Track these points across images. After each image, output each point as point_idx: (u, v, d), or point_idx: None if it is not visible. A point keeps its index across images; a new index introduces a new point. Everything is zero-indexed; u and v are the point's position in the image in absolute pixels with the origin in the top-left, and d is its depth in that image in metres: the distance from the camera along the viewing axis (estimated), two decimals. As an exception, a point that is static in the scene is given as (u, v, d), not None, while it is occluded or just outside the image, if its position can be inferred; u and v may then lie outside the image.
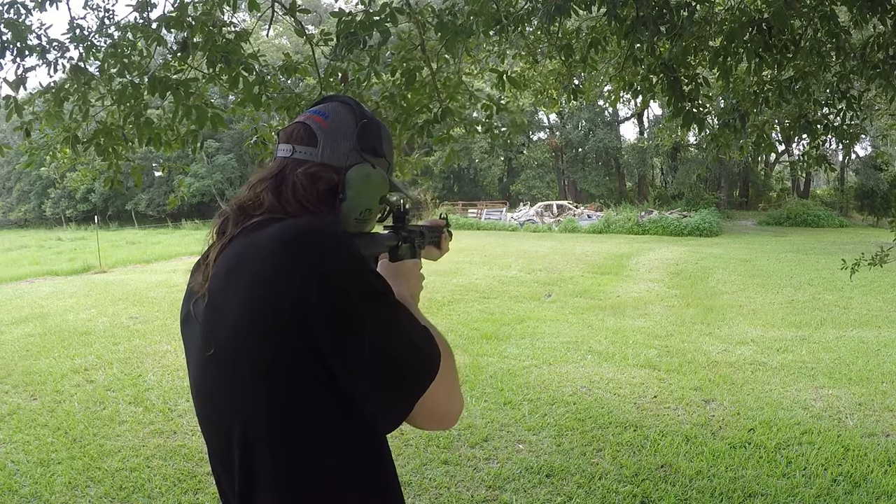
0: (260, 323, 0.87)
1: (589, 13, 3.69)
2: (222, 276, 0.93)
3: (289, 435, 0.90)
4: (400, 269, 1.14)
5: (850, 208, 28.16)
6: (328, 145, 1.01)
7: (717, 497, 3.09)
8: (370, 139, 1.05)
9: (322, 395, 0.89)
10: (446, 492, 3.18)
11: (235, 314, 0.89)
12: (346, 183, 1.00)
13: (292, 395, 0.89)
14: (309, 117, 1.04)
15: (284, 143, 1.03)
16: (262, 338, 0.87)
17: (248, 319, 0.88)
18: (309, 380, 0.88)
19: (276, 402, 0.89)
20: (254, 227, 0.95)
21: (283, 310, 0.85)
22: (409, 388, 0.88)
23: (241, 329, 0.89)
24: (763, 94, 3.68)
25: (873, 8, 2.88)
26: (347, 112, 1.05)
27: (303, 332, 0.84)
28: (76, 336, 6.70)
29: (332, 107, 1.06)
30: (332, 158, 1.01)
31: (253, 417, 0.91)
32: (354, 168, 1.01)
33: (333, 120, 1.03)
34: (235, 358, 0.90)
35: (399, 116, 3.45)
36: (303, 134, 1.02)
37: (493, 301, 8.74)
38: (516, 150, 33.52)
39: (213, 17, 3.18)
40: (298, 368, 0.87)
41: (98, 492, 3.24)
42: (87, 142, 3.40)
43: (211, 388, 0.98)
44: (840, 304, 8.23)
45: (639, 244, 17.72)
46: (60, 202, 33.37)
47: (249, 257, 0.91)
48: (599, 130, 33.80)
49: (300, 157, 1.01)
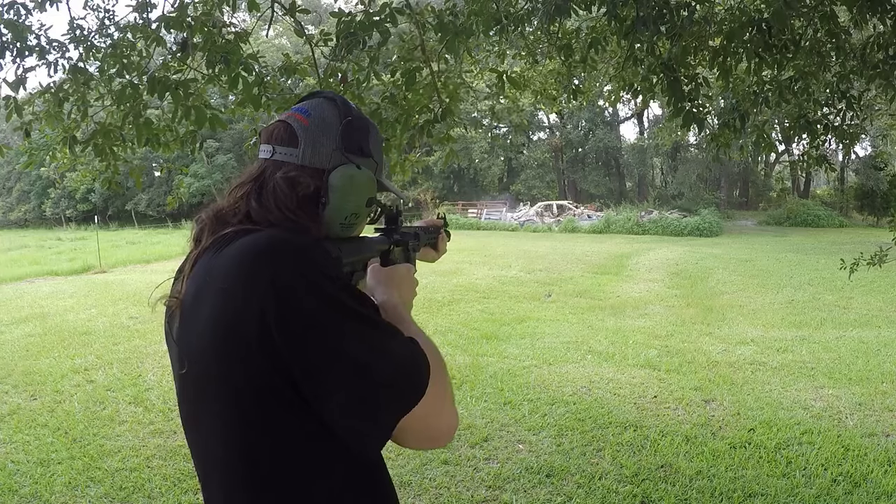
0: (227, 342, 0.82)
1: (589, 13, 3.69)
2: (192, 292, 0.89)
3: (264, 457, 0.85)
4: (391, 275, 1.05)
5: (850, 208, 28.13)
6: (309, 145, 0.94)
7: (717, 497, 3.08)
8: (355, 138, 0.98)
9: (298, 416, 0.83)
10: (446, 492, 3.18)
11: (205, 332, 0.85)
12: (329, 187, 0.93)
13: (262, 417, 0.84)
14: (291, 115, 0.98)
15: (265, 143, 0.97)
16: (231, 358, 0.82)
17: (215, 338, 0.84)
18: (281, 401, 0.82)
19: (247, 424, 0.85)
20: (226, 238, 0.89)
21: (249, 330, 0.80)
22: (388, 409, 0.81)
23: (209, 348, 0.84)
24: (763, 94, 3.68)
25: (873, 8, 2.87)
26: (332, 109, 0.98)
27: (269, 352, 0.80)
28: (76, 336, 6.70)
29: (316, 103, 0.99)
30: (314, 159, 0.94)
31: (227, 440, 0.87)
32: (337, 170, 0.94)
33: (315, 118, 0.96)
34: (206, 376, 0.86)
35: (399, 116, 3.44)
36: (283, 134, 0.96)
37: (493, 301, 8.74)
38: (516, 150, 33.50)
39: (213, 17, 3.18)
40: (269, 390, 0.82)
41: (98, 492, 3.24)
42: (84, 142, 3.40)
43: (188, 409, 0.94)
44: (840, 304, 8.23)
45: (639, 244, 17.73)
46: (60, 202, 33.35)
47: (218, 272, 0.86)
48: (599, 130, 33.79)
49: (280, 159, 0.95)
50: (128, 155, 3.86)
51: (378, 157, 1.03)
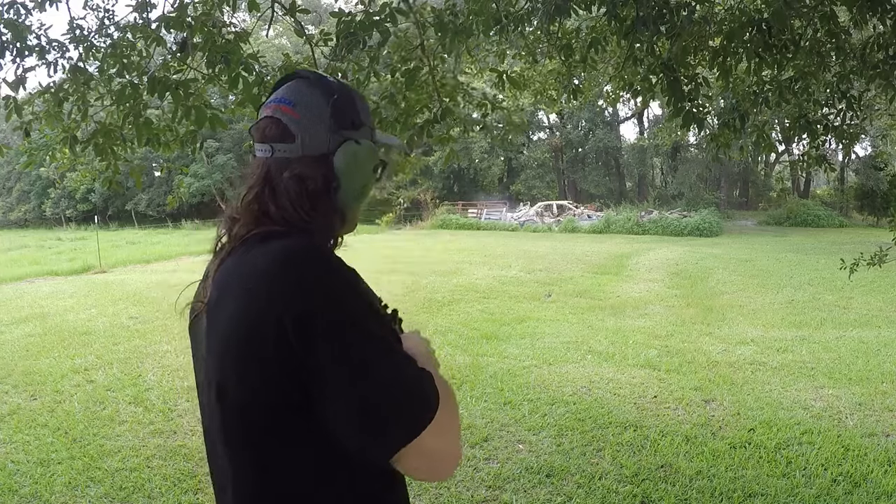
0: (248, 343, 0.85)
1: (589, 13, 3.70)
2: (216, 296, 0.92)
3: (272, 461, 0.87)
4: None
5: (850, 208, 28.14)
6: (305, 136, 0.95)
7: (717, 497, 3.09)
8: (345, 113, 0.97)
9: (306, 421, 0.85)
10: (446, 492, 3.18)
11: (227, 333, 0.88)
12: (336, 170, 0.95)
13: (272, 421, 0.86)
14: (276, 109, 0.97)
15: (260, 142, 0.98)
16: (249, 358, 0.85)
17: (238, 339, 0.86)
18: (290, 405, 0.84)
19: (259, 427, 0.87)
20: (248, 241, 0.92)
21: (268, 332, 0.82)
22: (395, 431, 0.82)
23: (231, 348, 0.87)
24: (763, 94, 3.68)
25: (873, 8, 2.87)
26: (313, 91, 0.98)
27: (286, 355, 0.82)
28: (76, 336, 6.70)
29: (295, 89, 0.98)
30: (313, 148, 0.95)
31: (240, 445, 0.90)
32: (339, 152, 0.96)
33: (303, 107, 0.96)
34: (226, 377, 0.89)
35: (399, 116, 3.44)
36: (276, 131, 0.96)
37: (493, 301, 8.74)
38: (516, 150, 33.49)
39: (213, 17, 3.18)
40: (281, 393, 0.84)
41: (98, 492, 3.24)
42: (85, 142, 3.40)
43: (209, 415, 0.96)
44: (840, 304, 8.23)
45: (639, 244, 17.73)
46: (60, 202, 33.33)
47: (242, 275, 0.89)
48: (599, 130, 33.79)
49: (281, 157, 0.95)
50: (128, 155, 3.86)
51: (368, 120, 1.02)
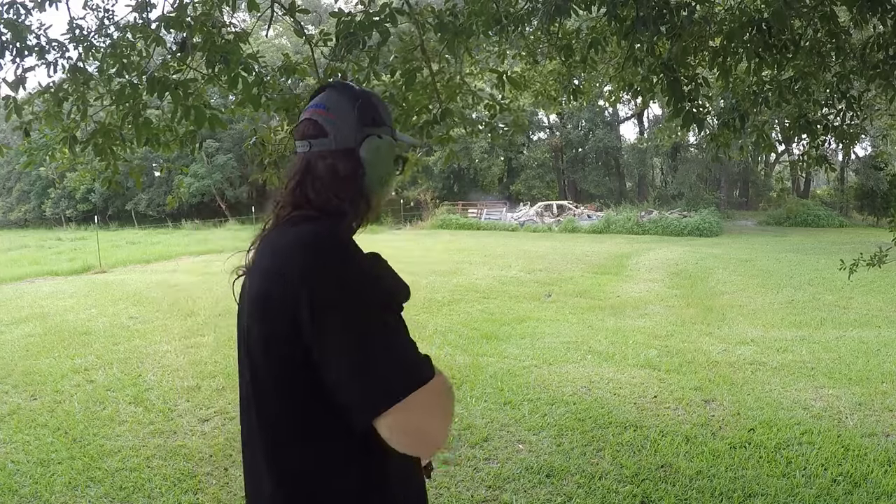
0: (266, 306, 1.03)
1: (589, 13, 3.69)
2: (255, 262, 1.13)
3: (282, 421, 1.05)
4: None
5: (850, 208, 28.14)
6: (338, 132, 1.16)
7: (717, 497, 3.08)
8: (369, 113, 1.18)
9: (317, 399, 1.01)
10: (446, 492, 3.18)
11: (253, 296, 1.07)
12: (362, 160, 1.16)
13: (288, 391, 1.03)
14: (313, 112, 1.19)
15: (300, 139, 1.19)
16: (265, 321, 1.04)
17: (259, 303, 1.05)
18: (297, 363, 1.00)
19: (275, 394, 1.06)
20: (287, 221, 1.13)
21: (285, 301, 1.00)
22: (390, 385, 0.96)
23: (255, 308, 1.06)
24: (763, 94, 3.68)
25: (873, 8, 2.87)
26: (342, 96, 1.19)
27: (297, 326, 0.98)
28: (76, 336, 6.70)
29: (329, 96, 1.20)
30: (344, 142, 1.16)
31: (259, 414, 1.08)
32: (364, 144, 1.16)
33: (335, 109, 1.17)
34: (250, 326, 1.08)
35: (399, 117, 3.44)
36: (313, 130, 1.17)
37: (493, 301, 8.74)
38: (516, 150, 33.48)
39: (213, 17, 3.18)
40: (289, 351, 1.00)
41: (98, 492, 3.24)
42: (84, 142, 3.40)
43: (244, 390, 1.14)
44: (840, 304, 8.23)
45: (639, 244, 17.73)
46: (60, 202, 33.33)
47: (273, 250, 1.09)
48: (599, 130, 33.77)
49: (318, 150, 1.16)
50: (127, 155, 3.86)
51: (388, 120, 1.23)
